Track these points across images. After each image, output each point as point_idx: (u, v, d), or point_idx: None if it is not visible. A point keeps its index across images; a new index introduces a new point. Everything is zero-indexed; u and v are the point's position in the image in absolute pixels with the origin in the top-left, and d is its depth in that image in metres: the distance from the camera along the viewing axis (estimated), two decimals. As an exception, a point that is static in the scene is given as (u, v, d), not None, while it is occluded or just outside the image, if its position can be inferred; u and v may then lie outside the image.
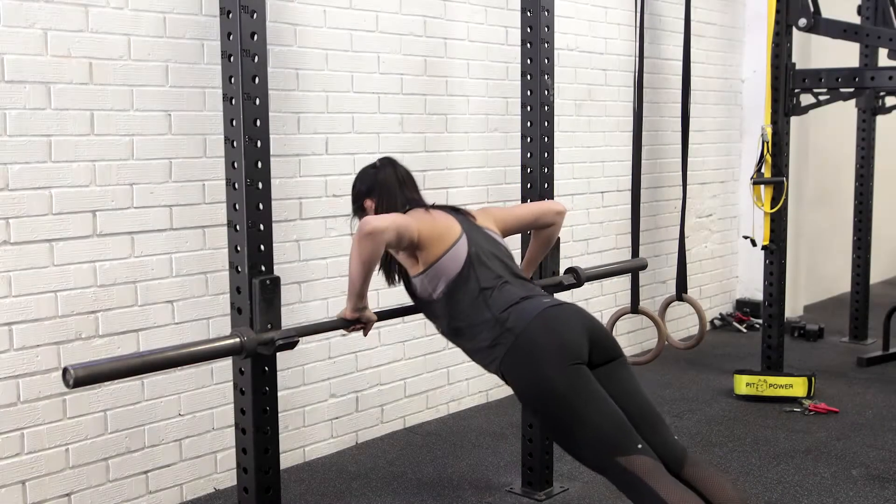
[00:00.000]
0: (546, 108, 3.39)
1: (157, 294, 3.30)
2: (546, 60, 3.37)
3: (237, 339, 2.48)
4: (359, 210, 2.89)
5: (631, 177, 4.47)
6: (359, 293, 2.62)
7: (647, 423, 2.54)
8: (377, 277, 2.73)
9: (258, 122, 2.52)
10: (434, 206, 2.82)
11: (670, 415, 4.39)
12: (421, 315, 4.16)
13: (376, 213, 2.78)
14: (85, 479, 3.17)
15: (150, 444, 3.34)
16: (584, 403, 2.45)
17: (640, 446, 2.43)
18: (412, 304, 2.89)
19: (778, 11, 4.71)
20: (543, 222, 3.05)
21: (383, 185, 2.82)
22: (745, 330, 6.23)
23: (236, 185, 2.54)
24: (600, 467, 2.48)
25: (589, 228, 5.09)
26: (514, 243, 3.22)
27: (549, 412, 2.51)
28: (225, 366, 3.47)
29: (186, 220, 3.35)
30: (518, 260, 3.24)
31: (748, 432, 4.17)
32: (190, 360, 2.50)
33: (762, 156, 4.71)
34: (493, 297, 2.63)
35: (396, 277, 2.85)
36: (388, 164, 2.89)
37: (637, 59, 4.45)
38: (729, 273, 6.51)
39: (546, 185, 3.42)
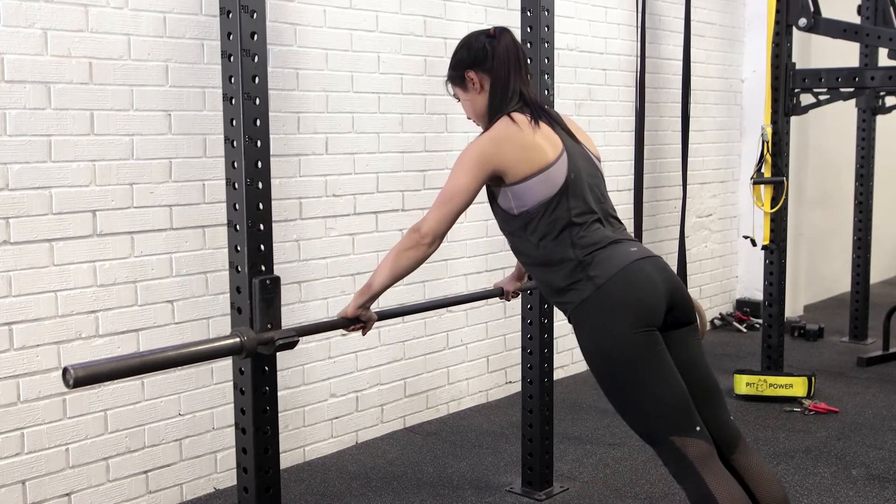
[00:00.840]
0: (546, 107, 3.39)
1: (157, 294, 3.30)
2: (546, 60, 3.37)
3: (237, 339, 2.48)
4: (457, 79, 2.57)
5: (633, 177, 4.47)
6: (373, 296, 2.54)
7: (706, 398, 2.40)
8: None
9: (258, 122, 2.52)
10: (539, 109, 2.50)
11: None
12: (421, 315, 4.20)
13: (481, 89, 2.52)
14: (85, 479, 3.17)
15: (150, 444, 3.34)
16: (651, 373, 2.30)
17: (698, 428, 2.31)
18: (412, 304, 2.87)
19: (778, 11, 4.71)
20: None
21: (501, 63, 2.48)
22: (745, 330, 6.23)
23: (236, 185, 2.53)
24: (651, 440, 2.37)
25: (589, 228, 5.08)
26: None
27: (612, 374, 2.35)
28: (225, 365, 3.48)
29: (186, 220, 3.35)
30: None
31: (748, 432, 4.16)
32: (190, 360, 2.49)
33: (762, 155, 4.71)
34: (580, 234, 2.39)
35: None
36: (506, 33, 2.51)
37: (638, 58, 4.45)
38: (729, 273, 6.51)
39: (546, 185, 3.41)
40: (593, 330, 2.37)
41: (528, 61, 2.62)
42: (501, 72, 2.49)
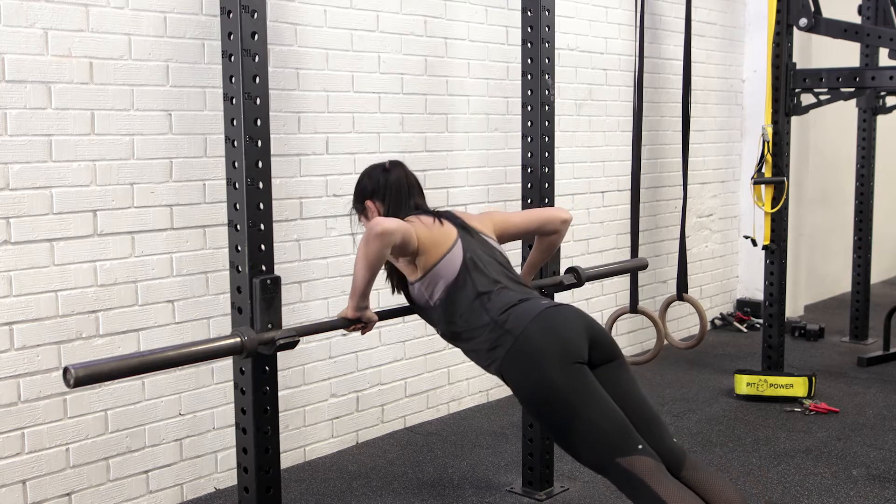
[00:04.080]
0: (547, 107, 3.39)
1: (158, 294, 3.30)
2: (547, 60, 3.37)
3: (238, 339, 2.48)
4: (359, 207, 2.86)
5: (631, 177, 4.47)
6: (362, 293, 2.62)
7: (646, 425, 2.53)
8: (380, 280, 2.73)
9: (259, 122, 2.52)
10: (433, 212, 2.80)
11: (670, 414, 4.39)
12: (421, 315, 4.20)
13: (380, 215, 2.77)
14: (85, 479, 3.17)
15: (150, 444, 3.34)
16: (585, 403, 2.45)
17: (640, 447, 2.43)
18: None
19: (778, 11, 4.71)
20: (548, 230, 3.00)
21: (392, 190, 2.79)
22: (745, 330, 6.23)
23: (237, 185, 2.54)
24: (601, 468, 2.47)
25: (589, 228, 5.08)
26: (516, 247, 3.24)
27: (549, 412, 2.50)
28: (225, 365, 3.48)
29: (187, 220, 3.35)
30: (518, 267, 3.24)
31: (748, 432, 4.16)
32: (190, 359, 2.50)
33: (763, 155, 4.71)
34: (490, 300, 2.63)
35: (396, 288, 2.86)
36: (398, 167, 2.85)
37: (637, 58, 4.45)
38: (729, 273, 6.50)
39: (547, 185, 3.42)
40: (522, 376, 2.54)
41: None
42: (399, 195, 2.79)
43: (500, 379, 2.65)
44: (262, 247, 2.56)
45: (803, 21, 4.71)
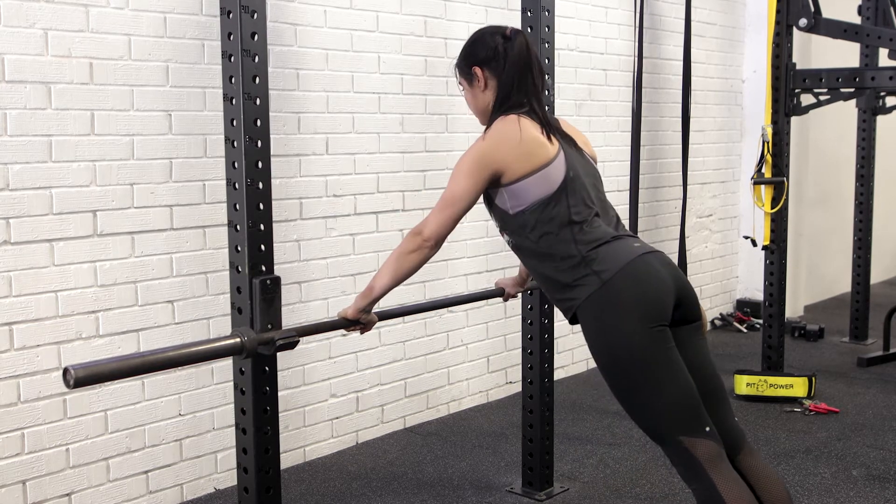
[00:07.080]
0: (546, 107, 3.39)
1: (158, 294, 3.30)
2: (546, 60, 3.37)
3: (237, 339, 2.48)
4: (465, 70, 2.54)
5: (630, 177, 4.47)
6: (374, 300, 2.54)
7: (712, 399, 2.37)
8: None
9: (258, 122, 2.52)
10: (542, 119, 2.48)
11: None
12: (421, 315, 4.20)
13: (486, 87, 2.50)
14: (85, 479, 3.17)
15: (150, 444, 3.34)
16: (661, 371, 2.27)
17: (707, 429, 2.28)
18: (412, 304, 2.87)
19: (778, 11, 4.71)
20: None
21: (511, 63, 2.45)
22: (745, 330, 6.23)
23: (237, 185, 2.54)
24: (660, 439, 2.33)
25: (589, 228, 5.08)
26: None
27: (620, 371, 2.30)
28: (225, 366, 3.48)
29: (187, 220, 3.35)
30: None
31: (748, 432, 4.13)
32: (190, 360, 2.49)
33: (762, 156, 4.71)
34: (582, 230, 2.37)
35: None
36: (520, 36, 2.48)
37: (636, 59, 4.45)
38: (729, 273, 6.51)
39: (546, 185, 3.41)
40: (602, 326, 2.33)
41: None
42: (509, 75, 2.48)
43: (568, 320, 2.42)
44: (262, 247, 2.56)
45: (803, 21, 4.71)
